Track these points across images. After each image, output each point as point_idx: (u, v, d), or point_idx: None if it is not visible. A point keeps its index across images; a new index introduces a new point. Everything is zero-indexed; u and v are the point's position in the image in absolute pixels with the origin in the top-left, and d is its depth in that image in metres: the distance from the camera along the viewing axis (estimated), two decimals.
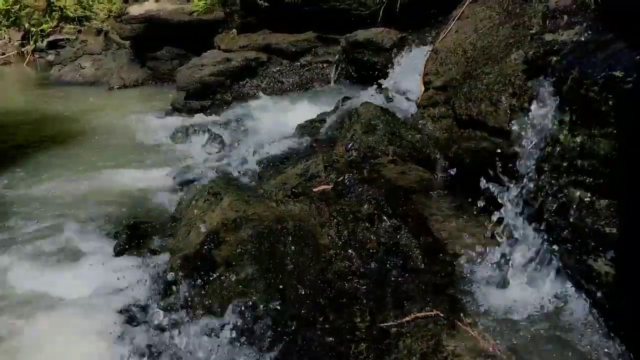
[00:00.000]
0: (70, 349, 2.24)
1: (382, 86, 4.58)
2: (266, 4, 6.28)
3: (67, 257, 3.10)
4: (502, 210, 2.13)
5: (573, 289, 1.85)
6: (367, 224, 2.18)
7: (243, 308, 2.02)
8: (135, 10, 9.08)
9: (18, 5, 11.88)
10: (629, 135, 1.60)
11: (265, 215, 2.32)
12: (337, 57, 5.88)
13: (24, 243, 3.34)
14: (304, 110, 4.93)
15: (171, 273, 2.35)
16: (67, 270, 2.92)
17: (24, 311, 2.55)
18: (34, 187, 4.33)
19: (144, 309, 2.39)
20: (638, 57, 1.59)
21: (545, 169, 1.92)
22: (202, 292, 2.13)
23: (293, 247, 2.16)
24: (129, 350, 2.15)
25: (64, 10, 11.23)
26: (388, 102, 4.04)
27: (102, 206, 3.87)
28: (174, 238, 2.73)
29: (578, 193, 1.77)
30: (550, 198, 1.89)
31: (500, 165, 2.13)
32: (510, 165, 2.06)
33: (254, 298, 2.04)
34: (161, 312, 2.29)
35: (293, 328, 1.91)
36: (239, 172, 3.87)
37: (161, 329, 2.20)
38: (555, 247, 1.89)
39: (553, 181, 1.88)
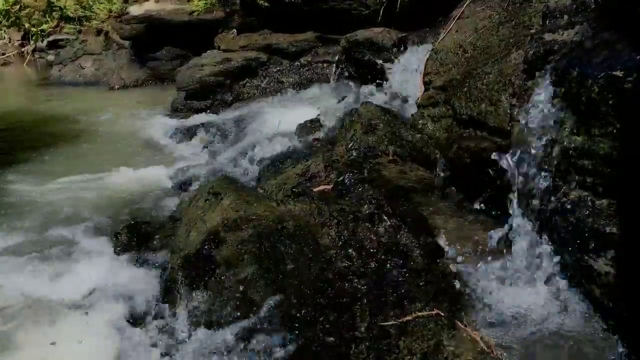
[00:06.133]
0: (69, 350, 2.24)
1: (382, 86, 4.58)
2: (266, 4, 6.28)
3: (67, 257, 3.10)
4: (502, 209, 2.13)
5: (573, 288, 1.85)
6: (367, 224, 2.18)
7: (243, 308, 2.02)
8: (135, 10, 9.07)
9: (18, 6, 11.87)
10: (629, 135, 1.60)
11: (266, 215, 2.32)
12: (337, 57, 5.88)
13: (23, 242, 3.34)
14: (304, 110, 4.92)
15: (171, 273, 2.35)
16: (66, 271, 2.91)
17: (23, 312, 2.55)
18: (33, 187, 4.32)
19: (144, 309, 2.39)
20: (638, 57, 1.59)
21: (546, 168, 1.92)
22: (202, 292, 2.13)
23: (293, 247, 2.16)
24: (128, 351, 2.15)
25: (64, 10, 11.22)
26: (388, 102, 4.04)
27: (102, 206, 3.87)
28: (174, 238, 2.73)
29: (578, 193, 1.78)
30: (551, 198, 1.89)
31: (500, 164, 2.13)
32: (510, 164, 2.06)
33: (255, 298, 2.04)
34: (161, 312, 2.30)
35: (294, 328, 1.91)
36: (239, 172, 3.88)
37: (161, 329, 2.21)
38: (555, 246, 1.89)
39: (553, 181, 1.88)
